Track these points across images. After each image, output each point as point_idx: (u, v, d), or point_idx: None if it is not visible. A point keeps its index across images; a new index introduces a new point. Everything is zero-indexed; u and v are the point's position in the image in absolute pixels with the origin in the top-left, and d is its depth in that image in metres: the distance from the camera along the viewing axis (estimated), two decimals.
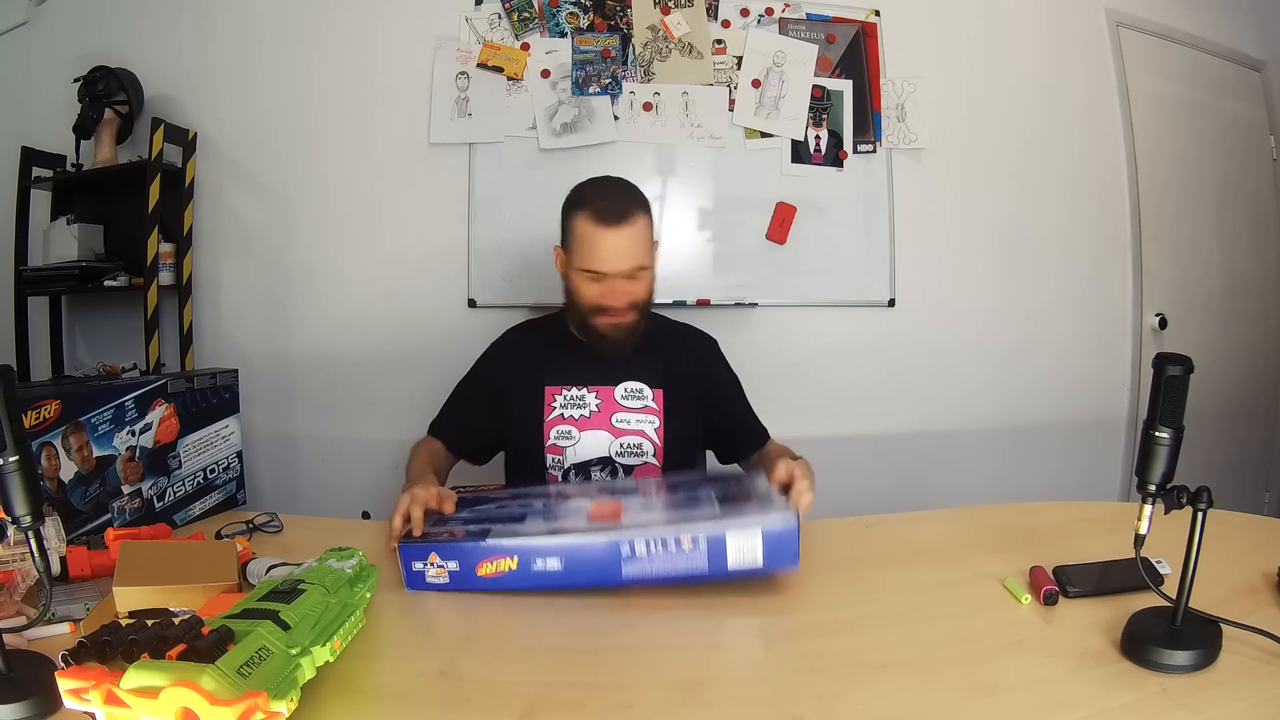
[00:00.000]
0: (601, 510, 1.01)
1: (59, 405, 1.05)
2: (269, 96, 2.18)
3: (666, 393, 1.37)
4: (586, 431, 1.34)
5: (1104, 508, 1.31)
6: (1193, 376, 0.75)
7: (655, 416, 1.36)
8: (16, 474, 0.70)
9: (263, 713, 0.56)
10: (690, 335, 1.50)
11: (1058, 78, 2.35)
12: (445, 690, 0.71)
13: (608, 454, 1.35)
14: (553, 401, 1.35)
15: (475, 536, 0.93)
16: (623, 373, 1.36)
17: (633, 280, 1.28)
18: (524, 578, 0.91)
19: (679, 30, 2.16)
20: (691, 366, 1.43)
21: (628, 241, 1.25)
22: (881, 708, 0.68)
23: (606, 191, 1.30)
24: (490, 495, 1.14)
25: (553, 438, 1.34)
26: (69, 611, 0.85)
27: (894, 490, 2.24)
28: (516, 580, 0.91)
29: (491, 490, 1.20)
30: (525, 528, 0.96)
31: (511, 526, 0.96)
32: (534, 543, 0.91)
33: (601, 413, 1.35)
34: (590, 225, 1.25)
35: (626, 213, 1.25)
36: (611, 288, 1.27)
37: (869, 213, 2.24)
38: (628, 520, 0.96)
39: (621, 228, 1.24)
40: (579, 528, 0.95)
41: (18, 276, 2.17)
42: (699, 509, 0.99)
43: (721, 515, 0.95)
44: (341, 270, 2.20)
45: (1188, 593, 0.75)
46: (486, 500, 1.11)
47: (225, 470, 1.36)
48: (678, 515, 0.98)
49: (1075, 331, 2.39)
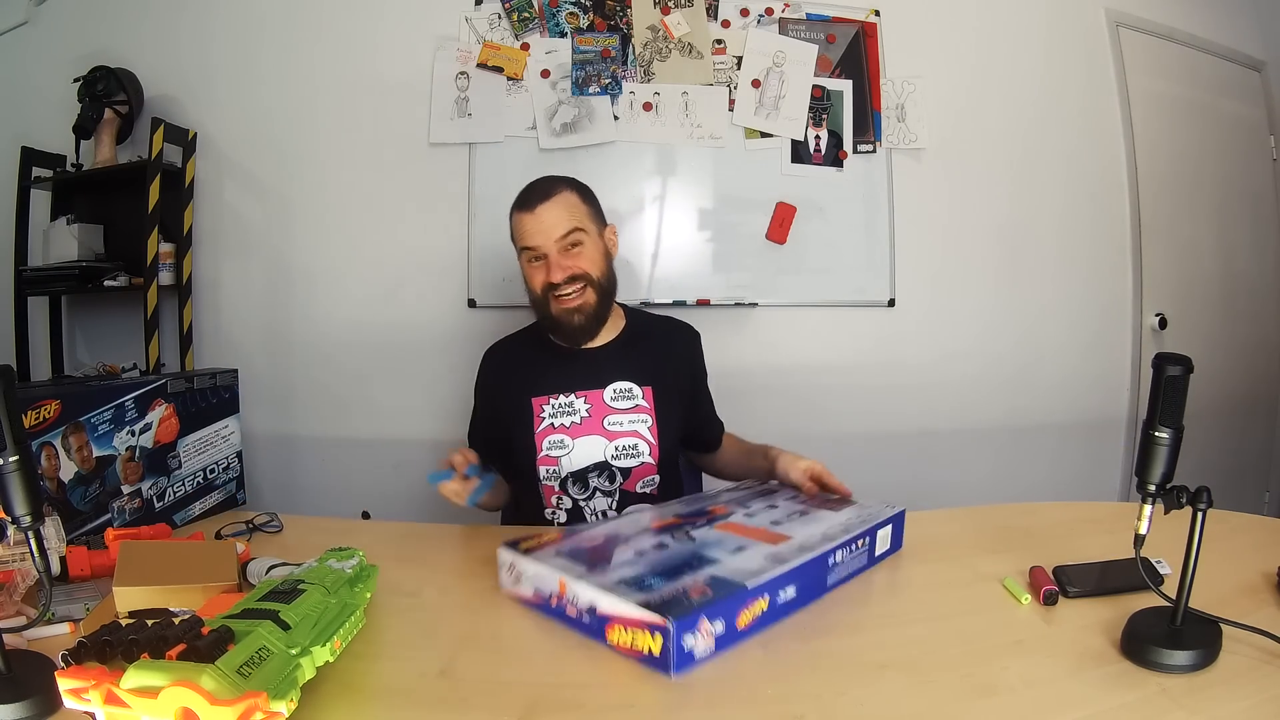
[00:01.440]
0: (763, 532, 0.96)
1: (59, 405, 1.05)
2: (269, 96, 2.19)
3: (656, 389, 1.35)
4: (579, 438, 1.32)
5: (1104, 508, 1.31)
6: (1193, 376, 0.75)
7: (648, 415, 1.34)
8: (16, 474, 0.70)
9: (263, 713, 0.56)
10: (672, 326, 1.49)
11: (1057, 78, 2.35)
12: (445, 690, 0.71)
13: (603, 458, 1.32)
14: (541, 412, 1.33)
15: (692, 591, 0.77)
16: (609, 374, 1.35)
17: (572, 253, 1.29)
18: (771, 615, 0.81)
19: (679, 30, 2.16)
20: (675, 359, 1.43)
21: (552, 213, 1.28)
22: (881, 708, 0.68)
23: (530, 184, 1.34)
24: (582, 543, 0.95)
25: (545, 449, 1.32)
26: (69, 611, 0.85)
27: (894, 490, 2.21)
28: (764, 620, 0.80)
29: (560, 539, 0.96)
30: (728, 561, 0.85)
31: (708, 567, 0.83)
32: (772, 574, 0.81)
33: (592, 417, 1.33)
34: (518, 214, 1.31)
35: (548, 191, 1.30)
36: (549, 263, 1.28)
37: (869, 213, 2.24)
38: (796, 534, 0.94)
39: (544, 203, 1.28)
40: (786, 554, 0.87)
41: (18, 276, 2.17)
42: (812, 512, 1.05)
43: (838, 513, 1.04)
44: (341, 270, 2.20)
45: (1188, 593, 0.75)
46: (592, 548, 0.93)
47: (225, 470, 1.36)
48: (813, 522, 1.00)
49: (1075, 331, 2.39)
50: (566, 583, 0.81)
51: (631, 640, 0.74)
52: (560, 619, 0.83)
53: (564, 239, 1.28)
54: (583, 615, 0.79)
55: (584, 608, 0.79)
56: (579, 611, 0.80)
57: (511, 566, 0.90)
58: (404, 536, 1.24)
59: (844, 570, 0.94)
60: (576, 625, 0.80)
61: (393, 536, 1.23)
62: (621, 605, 0.75)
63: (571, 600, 0.81)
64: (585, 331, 1.33)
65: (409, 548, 1.15)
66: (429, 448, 2.18)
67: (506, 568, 0.91)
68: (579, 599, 0.80)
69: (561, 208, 1.29)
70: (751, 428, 1.50)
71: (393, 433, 2.21)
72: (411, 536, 1.25)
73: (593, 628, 0.78)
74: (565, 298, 1.29)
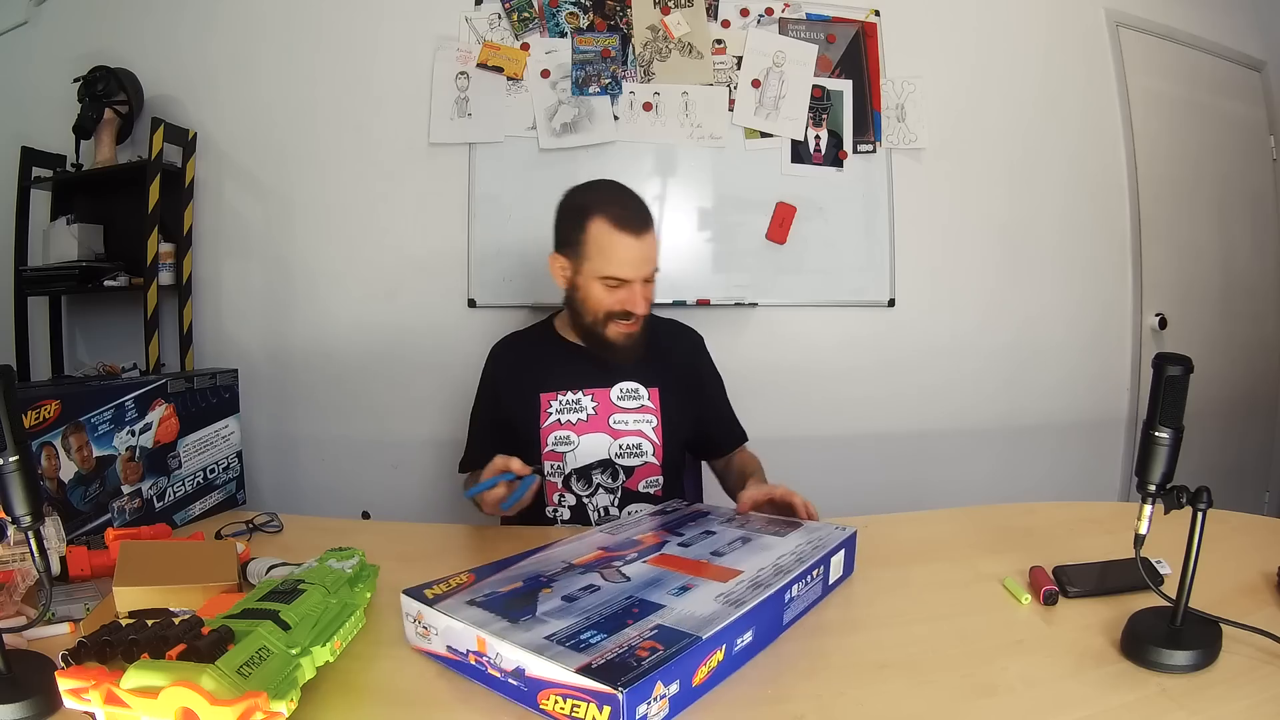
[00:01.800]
0: (698, 567, 0.87)
1: (59, 405, 1.05)
2: (269, 96, 2.19)
3: (662, 390, 1.37)
4: (585, 435, 1.33)
5: (1104, 508, 1.31)
6: (1193, 376, 0.75)
7: (653, 415, 1.36)
8: (16, 474, 0.70)
9: (263, 713, 0.56)
10: (678, 330, 1.50)
11: (1057, 78, 2.35)
12: (445, 690, 0.71)
13: (607, 456, 1.34)
14: (549, 408, 1.34)
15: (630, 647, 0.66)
16: (617, 373, 1.36)
17: (648, 285, 1.30)
18: (728, 665, 0.71)
19: (679, 30, 2.16)
20: (681, 362, 1.44)
21: (650, 248, 1.28)
22: (881, 708, 0.68)
23: (622, 199, 1.29)
24: (513, 577, 0.84)
25: (550, 444, 1.33)
26: (69, 611, 0.85)
27: (893, 490, 2.24)
28: (720, 673, 0.70)
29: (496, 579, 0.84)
30: (674, 605, 0.74)
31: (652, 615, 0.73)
32: (729, 620, 0.71)
33: (599, 415, 1.34)
34: (614, 233, 1.24)
35: (648, 220, 1.28)
36: (633, 293, 1.27)
37: (869, 213, 2.24)
38: (744, 566, 0.85)
39: (644, 235, 1.26)
40: (739, 593, 0.77)
41: (18, 276, 2.17)
42: (755, 538, 0.96)
43: (784, 539, 0.96)
44: (341, 270, 2.20)
45: (1188, 593, 0.75)
46: (525, 582, 0.82)
47: (225, 470, 1.36)
48: (759, 550, 0.91)
49: (1075, 331, 2.39)
50: (486, 640, 0.68)
51: (570, 710, 0.62)
52: (480, 680, 0.70)
53: (650, 275, 1.30)
54: (507, 678, 0.67)
55: (508, 670, 0.66)
56: (503, 674, 0.67)
57: (418, 618, 0.76)
58: (404, 536, 1.24)
59: (800, 605, 0.85)
60: (501, 688, 0.68)
61: (393, 536, 1.23)
62: (556, 669, 0.62)
63: (493, 660, 0.68)
64: (634, 353, 1.34)
65: (409, 548, 1.15)
66: (429, 448, 2.18)
67: (411, 619, 0.77)
68: (503, 659, 0.67)
69: (654, 246, 1.29)
70: (751, 428, 1.50)
71: (393, 433, 2.21)
72: (411, 536, 1.25)
73: (521, 693, 0.66)
74: (631, 325, 1.30)
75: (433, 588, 0.79)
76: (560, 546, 0.95)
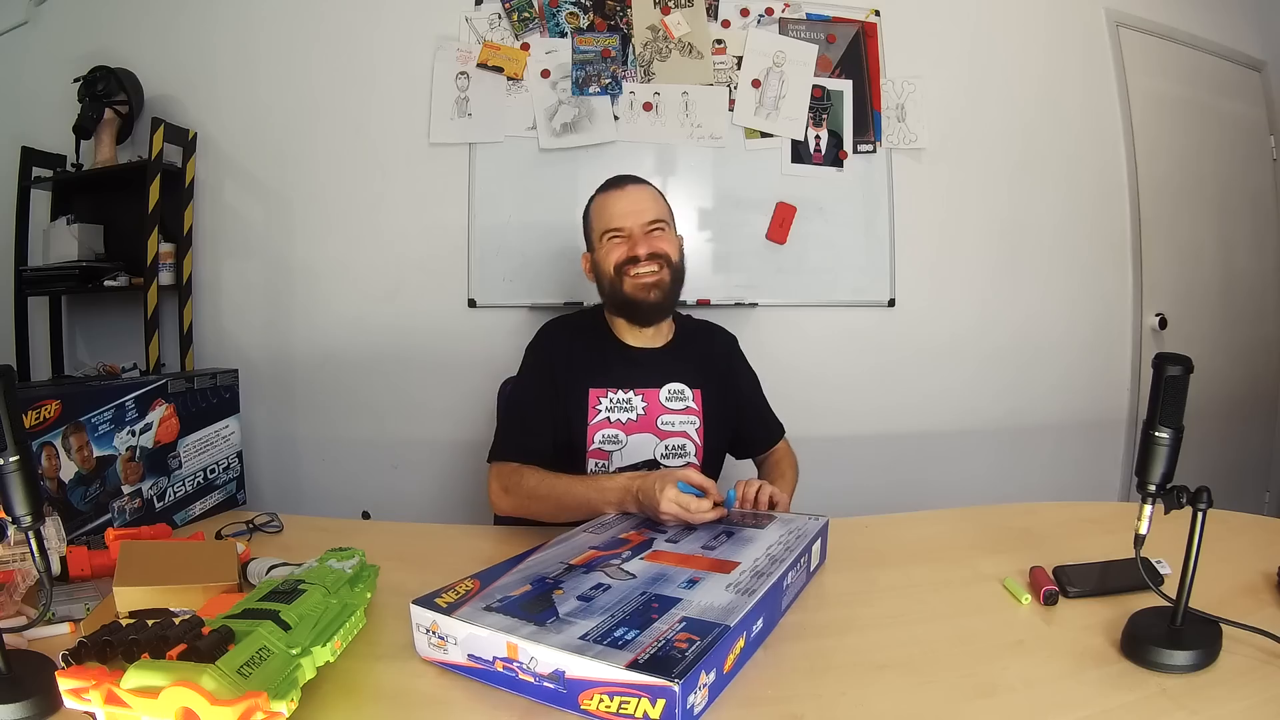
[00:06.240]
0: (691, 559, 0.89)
1: (59, 405, 1.05)
2: (269, 96, 2.19)
3: (705, 391, 1.37)
4: (634, 435, 1.32)
5: (1104, 508, 1.31)
6: (1193, 376, 0.75)
7: (696, 417, 1.35)
8: (16, 474, 0.70)
9: (263, 713, 0.56)
10: (716, 332, 1.51)
11: (1057, 78, 2.35)
12: (445, 690, 0.71)
13: (653, 456, 1.33)
14: (597, 404, 1.32)
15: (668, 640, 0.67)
16: (665, 374, 1.35)
17: (653, 236, 1.32)
18: (747, 652, 0.74)
19: (679, 30, 2.16)
20: (720, 363, 1.44)
21: (639, 198, 1.33)
22: (881, 708, 0.68)
23: (615, 176, 1.39)
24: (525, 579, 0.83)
25: (597, 442, 1.31)
26: (69, 611, 0.85)
27: (894, 490, 2.24)
28: (741, 659, 0.73)
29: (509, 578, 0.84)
30: (691, 598, 0.77)
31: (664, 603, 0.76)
32: (747, 608, 0.74)
33: (648, 415, 1.33)
34: (602, 196, 1.35)
35: (634, 180, 1.35)
36: (635, 240, 1.31)
37: (869, 213, 2.24)
38: (740, 557, 0.88)
39: (628, 187, 1.34)
40: (746, 582, 0.81)
41: (18, 276, 2.17)
42: (738, 531, 0.99)
43: (765, 529, 0.99)
44: (341, 270, 2.20)
45: (1188, 593, 0.75)
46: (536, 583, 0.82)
47: (225, 470, 1.36)
48: (746, 542, 0.94)
49: (1075, 331, 2.39)
50: (519, 646, 0.68)
51: (617, 707, 0.62)
52: (508, 686, 0.69)
53: (649, 224, 1.32)
54: (543, 682, 0.66)
55: (545, 673, 0.66)
56: (538, 678, 0.67)
57: (432, 628, 0.74)
58: (404, 536, 1.24)
59: (792, 592, 0.89)
60: (533, 693, 0.67)
61: (393, 536, 1.23)
62: (603, 668, 0.63)
63: (525, 665, 0.67)
64: (659, 310, 1.34)
65: (409, 548, 1.15)
66: (429, 448, 2.18)
67: (424, 630, 0.75)
68: (538, 663, 0.67)
69: (649, 196, 1.34)
70: None
71: (393, 433, 2.21)
72: (411, 536, 1.25)
73: (560, 695, 0.66)
74: (643, 274, 1.30)
75: (441, 596, 0.77)
76: (550, 548, 0.95)
